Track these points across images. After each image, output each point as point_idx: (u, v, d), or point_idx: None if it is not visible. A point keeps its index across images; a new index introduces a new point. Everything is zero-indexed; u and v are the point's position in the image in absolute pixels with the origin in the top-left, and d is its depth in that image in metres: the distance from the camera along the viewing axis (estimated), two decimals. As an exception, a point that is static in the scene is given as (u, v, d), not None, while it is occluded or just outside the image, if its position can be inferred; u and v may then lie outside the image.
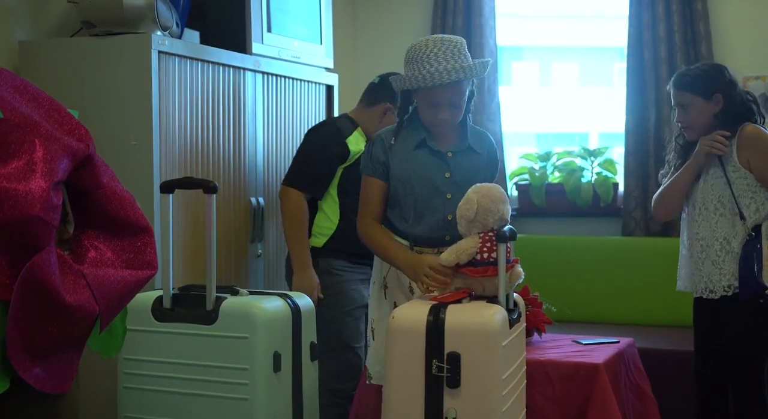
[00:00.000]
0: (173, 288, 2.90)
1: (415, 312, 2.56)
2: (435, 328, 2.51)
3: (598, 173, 4.92)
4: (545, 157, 5.02)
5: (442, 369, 2.48)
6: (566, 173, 4.94)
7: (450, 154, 2.99)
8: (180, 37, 3.43)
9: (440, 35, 2.95)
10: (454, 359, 2.48)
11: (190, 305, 2.84)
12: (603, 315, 4.61)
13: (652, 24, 4.73)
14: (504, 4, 5.17)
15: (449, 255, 2.68)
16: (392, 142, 2.97)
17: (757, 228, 3.28)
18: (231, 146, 3.59)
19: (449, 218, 2.91)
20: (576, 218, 4.97)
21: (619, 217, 4.90)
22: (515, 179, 5.07)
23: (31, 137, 1.71)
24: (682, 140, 3.50)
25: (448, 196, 2.94)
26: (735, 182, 3.31)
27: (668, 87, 3.47)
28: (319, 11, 4.14)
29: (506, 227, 2.68)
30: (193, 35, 3.54)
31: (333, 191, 3.55)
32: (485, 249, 2.66)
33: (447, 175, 2.96)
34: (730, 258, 3.30)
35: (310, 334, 2.93)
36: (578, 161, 4.97)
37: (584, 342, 3.53)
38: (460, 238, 2.77)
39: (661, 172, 3.62)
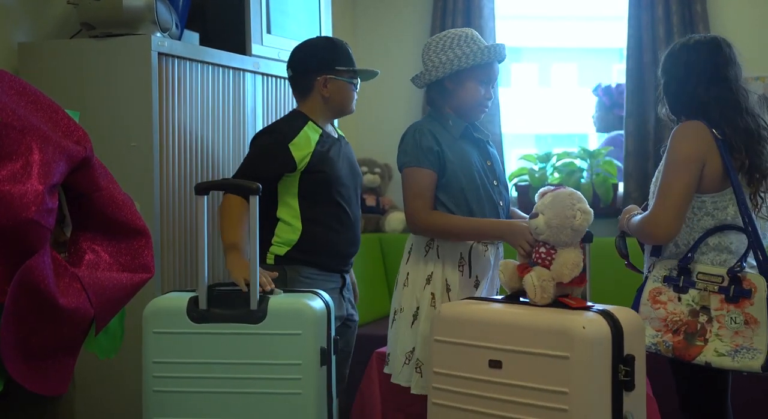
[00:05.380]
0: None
1: (593, 320, 2.54)
2: (617, 333, 2.51)
3: (597, 174, 4.93)
4: (545, 158, 5.02)
5: (626, 373, 2.50)
6: (566, 174, 4.94)
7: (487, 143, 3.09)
8: (180, 38, 3.44)
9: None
10: (631, 362, 2.50)
11: (226, 305, 2.78)
12: (602, 316, 4.60)
13: (651, 25, 4.74)
14: (503, 6, 5.18)
15: (571, 271, 2.70)
16: (448, 132, 2.96)
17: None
18: (231, 148, 3.59)
19: (501, 204, 3.02)
20: (575, 219, 4.96)
21: (618, 218, 4.89)
22: (515, 180, 5.07)
23: (28, 139, 1.71)
24: None
25: (495, 183, 3.03)
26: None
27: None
28: (318, 13, 4.14)
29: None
30: (192, 37, 3.55)
31: (291, 199, 3.20)
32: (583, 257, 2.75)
33: (488, 163, 3.04)
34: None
35: (332, 332, 2.93)
36: (577, 162, 4.98)
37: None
38: None
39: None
